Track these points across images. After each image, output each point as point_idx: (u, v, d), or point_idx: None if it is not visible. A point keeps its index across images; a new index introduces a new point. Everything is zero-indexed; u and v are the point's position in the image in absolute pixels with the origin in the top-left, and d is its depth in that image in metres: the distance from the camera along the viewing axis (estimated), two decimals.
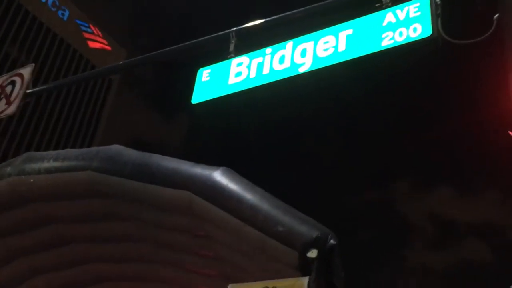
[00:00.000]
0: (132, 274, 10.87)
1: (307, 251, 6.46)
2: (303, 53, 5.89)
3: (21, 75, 8.09)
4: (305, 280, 6.48)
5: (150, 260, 10.15)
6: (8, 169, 8.88)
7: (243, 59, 6.38)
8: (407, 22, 5.39)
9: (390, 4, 5.65)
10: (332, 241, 6.53)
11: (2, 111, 7.75)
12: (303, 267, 6.62)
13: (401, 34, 5.36)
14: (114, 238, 9.86)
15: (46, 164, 8.61)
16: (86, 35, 68.73)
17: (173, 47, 7.67)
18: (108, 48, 70.36)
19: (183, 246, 9.21)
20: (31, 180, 8.55)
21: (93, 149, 8.62)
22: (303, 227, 6.75)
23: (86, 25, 69.60)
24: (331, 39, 5.84)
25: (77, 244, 9.96)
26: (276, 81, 5.94)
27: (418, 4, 5.43)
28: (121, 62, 9.00)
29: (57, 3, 70.42)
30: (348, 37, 5.74)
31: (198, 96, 6.64)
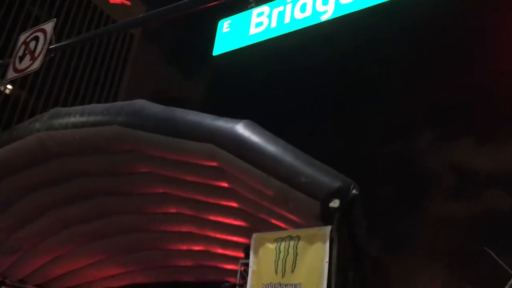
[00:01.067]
0: (157, 226, 11.26)
1: (330, 201, 6.53)
2: (325, 1, 5.72)
3: (43, 31, 8.11)
4: (327, 229, 6.60)
5: (175, 212, 10.46)
6: (37, 124, 9.10)
7: (264, 8, 6.24)
8: None
9: None
10: (354, 191, 6.58)
11: (27, 67, 7.84)
12: (325, 217, 6.72)
13: None
14: (139, 191, 10.15)
15: (72, 119, 8.78)
16: None
17: None
18: (128, 3, 69.75)
19: (207, 198, 9.42)
20: (59, 135, 8.76)
21: (118, 104, 8.74)
22: (326, 177, 6.80)
23: None
24: None
25: (104, 197, 10.30)
26: (297, 30, 5.82)
27: None
28: (141, 15, 8.90)
29: None
30: None
31: (219, 47, 6.57)
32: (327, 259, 6.35)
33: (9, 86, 50.05)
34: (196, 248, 11.58)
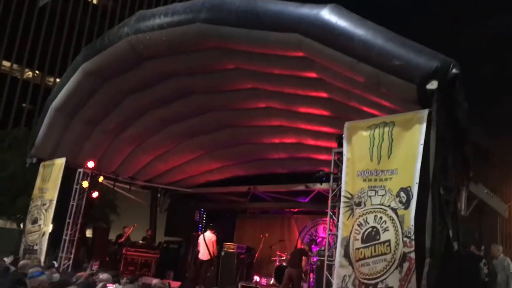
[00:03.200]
0: (248, 121, 11.53)
1: (427, 83, 6.12)
2: None
3: None
4: (424, 113, 6.28)
5: (264, 107, 10.55)
6: (125, 29, 9.30)
7: None
8: None
9: None
10: (454, 71, 6.07)
11: None
12: (422, 100, 6.37)
13: None
14: (228, 88, 10.29)
15: (158, 21, 8.83)
16: None
17: None
18: None
19: (295, 90, 9.32)
20: (147, 38, 8.92)
21: (199, 0, 8.55)
22: (421, 58, 6.32)
23: None
24: None
25: (196, 96, 10.62)
26: None
27: None
28: None
29: None
30: None
31: None
32: (422, 141, 6.13)
33: None
34: (288, 140, 11.81)
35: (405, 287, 5.86)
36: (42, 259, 10.49)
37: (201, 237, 12.40)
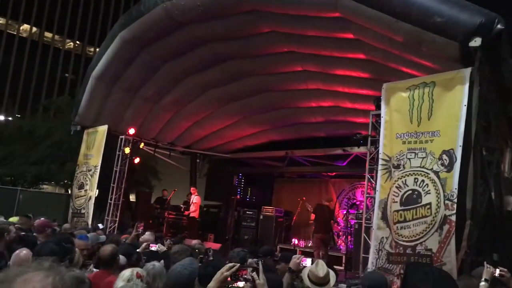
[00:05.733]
0: (285, 85, 11.45)
1: (470, 40, 5.86)
2: None
3: None
4: (466, 72, 6.04)
5: (301, 70, 10.44)
6: None
7: None
8: None
9: None
10: (499, 26, 5.76)
11: None
12: (465, 59, 6.10)
13: None
14: (264, 52, 10.21)
15: None
16: None
17: None
18: None
19: (332, 52, 9.15)
20: (182, 3, 8.89)
21: None
22: (464, 14, 6.03)
23: None
24: None
25: (232, 61, 10.61)
26: None
27: None
28: None
29: None
30: None
31: None
32: (465, 102, 5.92)
33: None
34: (325, 104, 11.70)
35: (444, 249, 5.83)
36: (89, 222, 11.00)
37: None
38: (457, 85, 6.09)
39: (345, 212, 12.88)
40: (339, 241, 12.52)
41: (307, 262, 4.40)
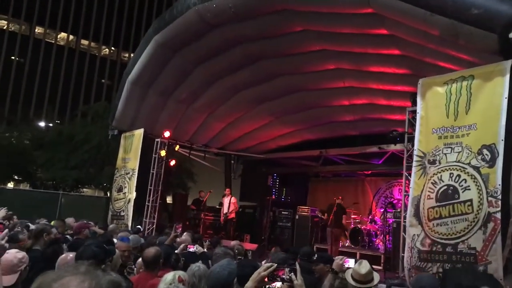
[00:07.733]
0: (317, 84, 11.37)
1: (509, 31, 5.67)
2: None
3: None
4: (507, 64, 5.85)
5: (334, 68, 10.34)
6: None
7: None
8: None
9: None
10: None
11: None
12: (504, 51, 5.91)
13: None
14: (296, 51, 10.17)
15: None
16: None
17: None
18: None
19: (365, 49, 9.03)
20: (214, 5, 8.96)
21: None
22: (502, 5, 5.83)
23: None
24: None
25: (264, 61, 10.62)
26: None
27: None
28: None
29: None
30: None
31: None
32: (506, 95, 5.72)
33: None
34: (359, 102, 11.54)
35: (489, 247, 5.64)
36: (129, 224, 11.23)
37: None
38: (497, 78, 5.90)
39: (382, 210, 12.67)
40: (376, 241, 12.32)
41: (350, 263, 4.36)
